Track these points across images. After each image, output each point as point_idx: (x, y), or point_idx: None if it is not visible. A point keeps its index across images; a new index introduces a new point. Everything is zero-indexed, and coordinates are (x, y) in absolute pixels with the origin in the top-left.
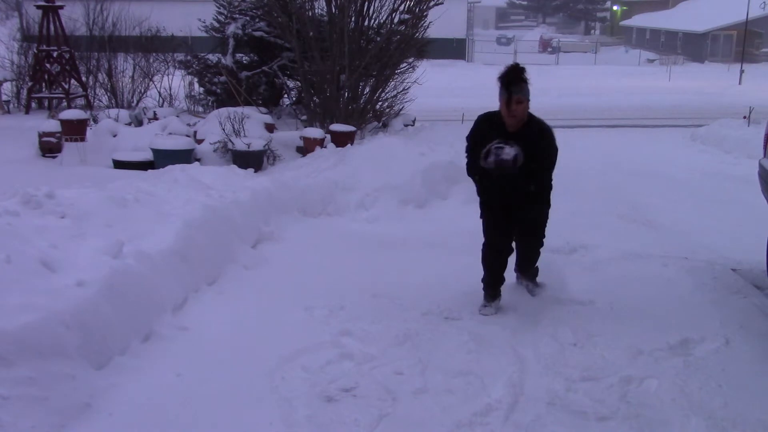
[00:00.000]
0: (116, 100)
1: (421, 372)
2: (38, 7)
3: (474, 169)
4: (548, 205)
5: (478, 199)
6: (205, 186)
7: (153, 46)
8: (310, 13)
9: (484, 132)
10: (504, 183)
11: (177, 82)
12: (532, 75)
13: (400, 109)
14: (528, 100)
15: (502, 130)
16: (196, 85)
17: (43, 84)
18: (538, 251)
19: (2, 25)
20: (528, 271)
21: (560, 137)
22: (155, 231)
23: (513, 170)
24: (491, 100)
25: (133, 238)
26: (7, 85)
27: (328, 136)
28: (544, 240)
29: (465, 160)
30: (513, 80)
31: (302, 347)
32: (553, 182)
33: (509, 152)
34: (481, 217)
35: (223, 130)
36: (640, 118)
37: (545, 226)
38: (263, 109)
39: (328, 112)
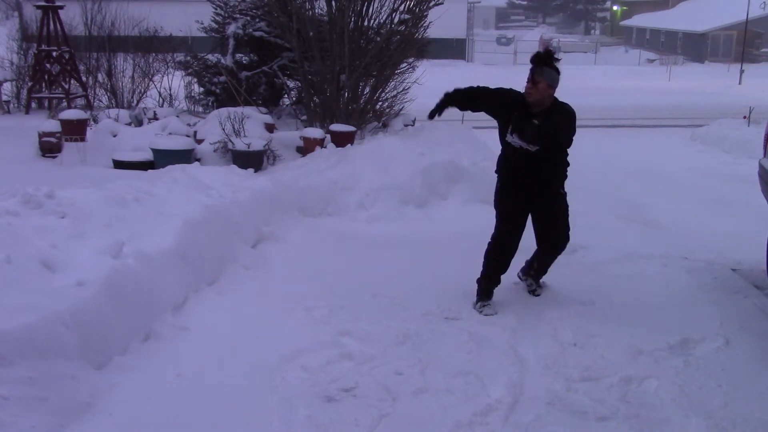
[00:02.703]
0: (116, 100)
1: (421, 372)
2: (38, 7)
3: (465, 98)
4: (565, 196)
5: (478, 199)
6: (205, 186)
7: (152, 46)
8: (310, 13)
9: (512, 103)
10: (525, 166)
11: (177, 82)
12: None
13: (400, 109)
14: (549, 85)
15: (526, 109)
16: (196, 86)
17: (43, 84)
18: (556, 254)
19: (2, 25)
20: (538, 275)
21: None
22: (155, 231)
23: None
24: None
25: (133, 238)
26: (7, 85)
27: (328, 136)
28: (567, 240)
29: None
30: (537, 62)
31: (302, 347)
32: (567, 172)
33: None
34: (496, 206)
35: (223, 130)
36: (640, 118)
37: (566, 218)
38: (263, 109)
39: (328, 112)
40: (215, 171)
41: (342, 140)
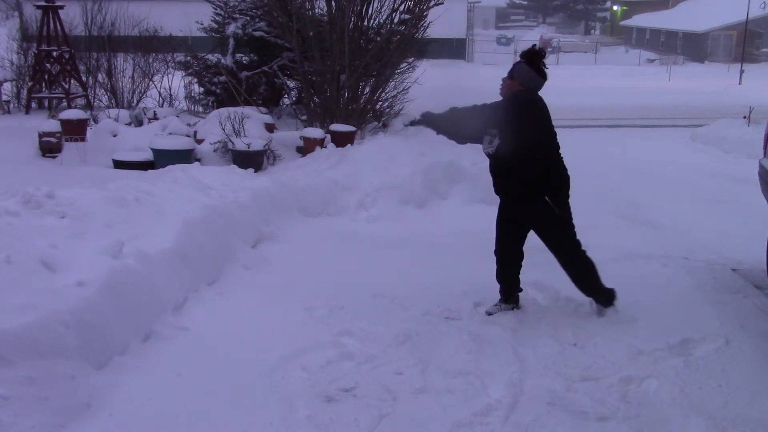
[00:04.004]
0: (116, 100)
1: (421, 372)
2: (38, 7)
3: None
4: (547, 194)
5: (478, 199)
6: (205, 186)
7: (152, 46)
8: (310, 13)
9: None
10: (497, 173)
11: (177, 82)
12: None
13: (400, 109)
14: (521, 84)
15: None
16: (196, 86)
17: (43, 84)
18: (573, 262)
19: (2, 25)
20: (583, 289)
21: (561, 137)
22: (155, 231)
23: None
24: (492, 99)
25: (133, 238)
26: (7, 85)
27: (328, 136)
28: (573, 246)
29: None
30: (523, 58)
31: (302, 347)
32: (549, 165)
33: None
34: None
35: (223, 130)
36: (640, 118)
37: (559, 225)
38: (263, 109)
39: (328, 112)
40: (215, 171)
41: (342, 140)
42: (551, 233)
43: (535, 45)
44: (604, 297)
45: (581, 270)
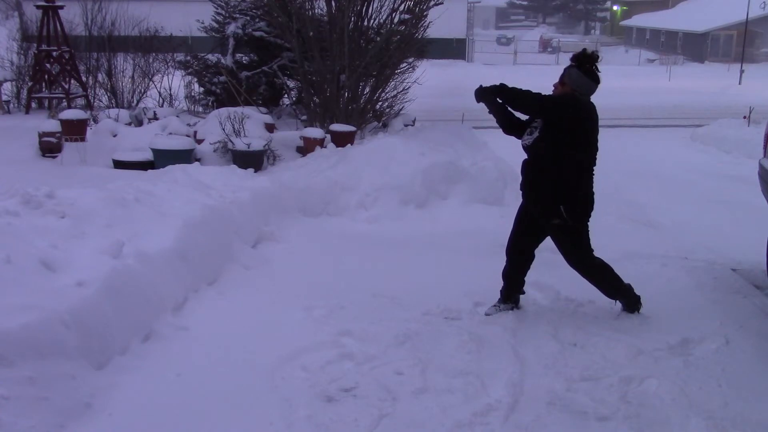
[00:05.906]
0: (116, 100)
1: (421, 372)
2: (38, 7)
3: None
4: (565, 207)
5: (478, 199)
6: (205, 186)
7: (152, 46)
8: (310, 13)
9: None
10: (524, 167)
11: (177, 82)
12: (532, 75)
13: (400, 109)
14: (573, 89)
15: None
16: (196, 85)
17: (43, 84)
18: (588, 272)
19: (2, 25)
20: (606, 294)
21: None
22: (155, 231)
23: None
24: None
25: (133, 238)
26: (7, 85)
27: (328, 136)
28: (585, 258)
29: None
30: (575, 62)
31: (302, 347)
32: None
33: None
34: None
35: (223, 130)
36: (640, 118)
37: (572, 237)
38: (263, 109)
39: (328, 112)
40: (215, 171)
41: (342, 140)
42: (564, 244)
43: (585, 49)
44: (627, 301)
45: (598, 277)
